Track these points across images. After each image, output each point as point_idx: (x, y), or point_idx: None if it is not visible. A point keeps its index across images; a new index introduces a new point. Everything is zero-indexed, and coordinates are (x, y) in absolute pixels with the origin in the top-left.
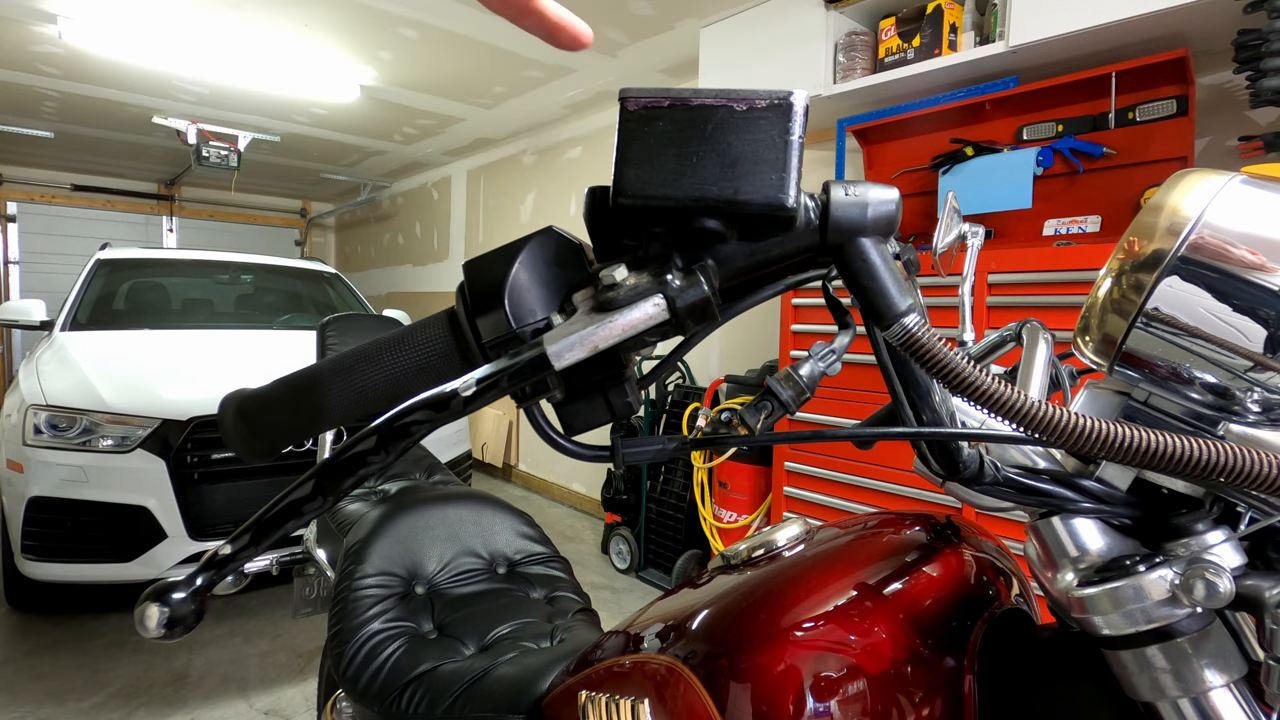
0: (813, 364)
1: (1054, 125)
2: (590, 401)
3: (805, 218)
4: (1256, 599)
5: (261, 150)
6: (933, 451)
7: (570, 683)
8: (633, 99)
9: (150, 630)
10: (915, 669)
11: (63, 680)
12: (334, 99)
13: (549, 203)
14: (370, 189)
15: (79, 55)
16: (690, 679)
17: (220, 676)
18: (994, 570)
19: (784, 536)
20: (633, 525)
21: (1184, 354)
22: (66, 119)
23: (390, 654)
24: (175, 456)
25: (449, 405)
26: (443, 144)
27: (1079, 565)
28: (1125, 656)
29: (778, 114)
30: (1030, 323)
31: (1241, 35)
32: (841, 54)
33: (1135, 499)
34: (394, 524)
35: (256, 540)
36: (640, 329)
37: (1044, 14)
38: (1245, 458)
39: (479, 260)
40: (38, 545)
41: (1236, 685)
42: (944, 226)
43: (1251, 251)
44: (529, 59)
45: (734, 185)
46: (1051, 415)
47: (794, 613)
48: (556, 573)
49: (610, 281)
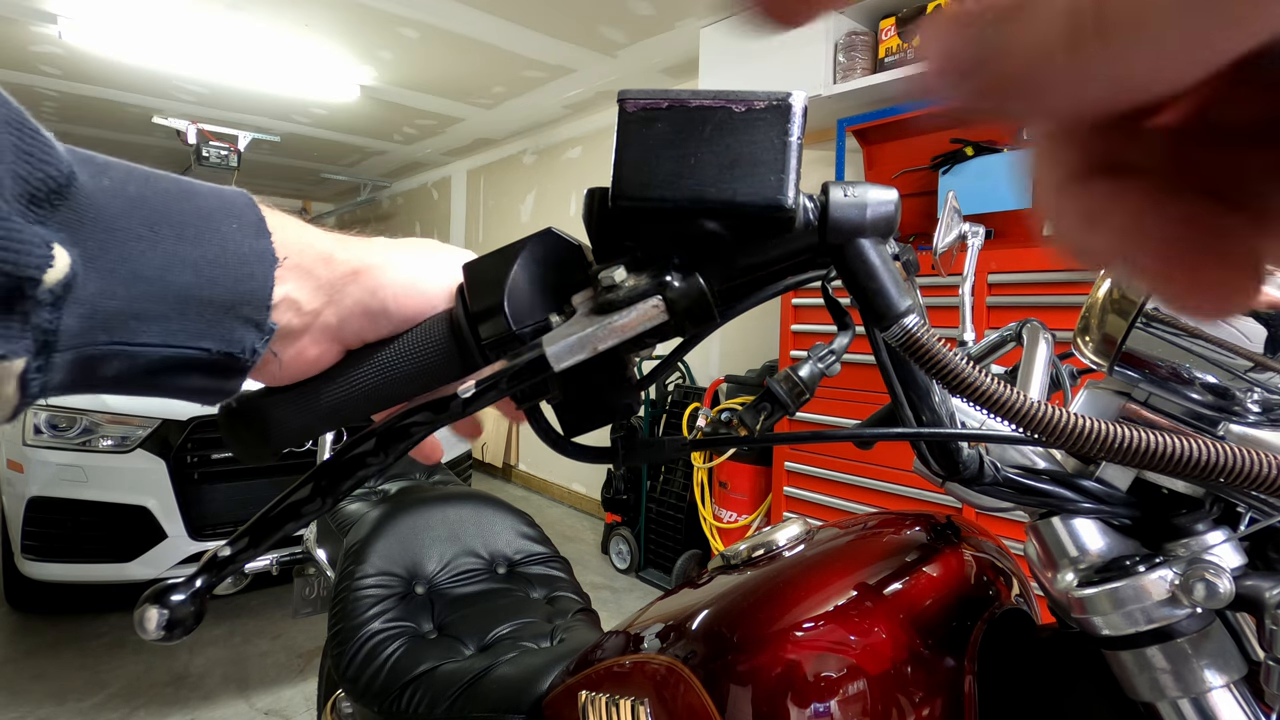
0: (812, 365)
1: None
2: (590, 402)
3: (804, 219)
4: (1256, 599)
5: (261, 150)
6: (932, 452)
7: (570, 683)
8: (631, 100)
9: (150, 632)
10: (915, 669)
11: (63, 680)
12: (334, 99)
13: (549, 203)
14: (370, 189)
15: (79, 55)
16: (690, 679)
17: (220, 676)
18: (994, 570)
19: (784, 536)
20: (633, 525)
21: (1184, 354)
22: (66, 119)
23: (390, 654)
24: (175, 456)
25: (448, 407)
26: (443, 144)
27: (1079, 565)
28: (1125, 657)
29: (776, 115)
30: (1031, 322)
31: None
32: (841, 54)
33: (1135, 499)
34: (394, 524)
35: (256, 542)
36: (639, 330)
37: None
38: (1245, 458)
39: (478, 262)
40: (38, 545)
41: (1236, 685)
42: (944, 226)
43: None
44: (529, 59)
45: (732, 186)
46: (1050, 416)
47: (794, 613)
48: (556, 573)
49: (609, 283)
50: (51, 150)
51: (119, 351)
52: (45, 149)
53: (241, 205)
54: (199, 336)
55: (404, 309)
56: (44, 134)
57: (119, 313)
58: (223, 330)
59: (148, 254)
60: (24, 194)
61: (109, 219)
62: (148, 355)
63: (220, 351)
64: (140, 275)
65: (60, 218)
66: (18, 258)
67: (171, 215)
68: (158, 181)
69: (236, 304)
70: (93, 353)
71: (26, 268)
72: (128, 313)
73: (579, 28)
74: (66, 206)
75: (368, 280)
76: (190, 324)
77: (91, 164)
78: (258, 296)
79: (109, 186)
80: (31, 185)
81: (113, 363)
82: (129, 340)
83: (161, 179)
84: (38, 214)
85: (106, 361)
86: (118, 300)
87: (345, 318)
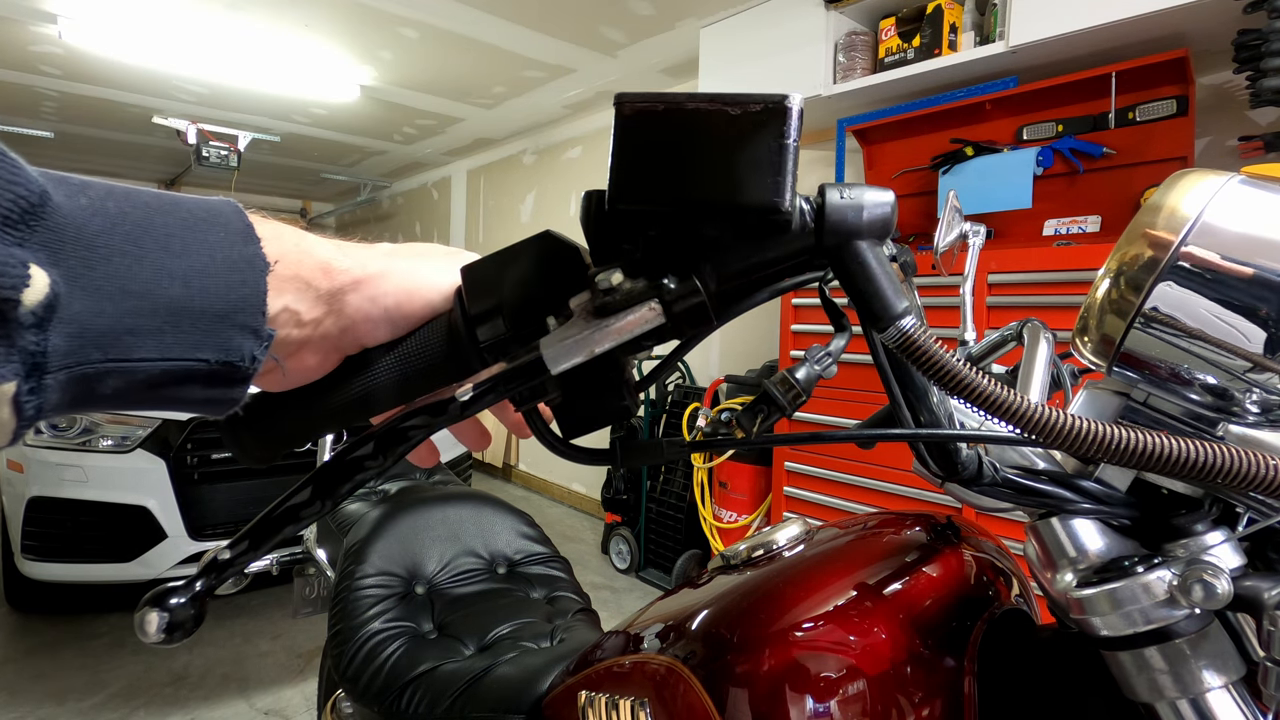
0: (808, 367)
1: (1054, 125)
2: (588, 405)
3: (801, 220)
4: (1255, 600)
5: (261, 150)
6: (931, 453)
7: (570, 683)
8: (628, 103)
9: (150, 635)
10: (915, 669)
11: (63, 680)
12: (334, 99)
13: (549, 203)
14: (370, 189)
15: (79, 55)
16: (690, 679)
17: (220, 676)
18: (994, 570)
19: (784, 536)
20: (633, 525)
21: (1183, 355)
22: (66, 119)
23: (390, 654)
24: (175, 456)
25: (446, 410)
26: (443, 144)
27: (1078, 566)
28: (1123, 657)
29: (772, 117)
30: (1031, 322)
31: (1241, 35)
32: (841, 54)
33: (1134, 499)
34: (394, 524)
35: (255, 545)
36: (636, 333)
37: (1044, 14)
38: (1244, 460)
39: (476, 265)
40: (38, 545)
41: (1235, 686)
42: (945, 226)
43: (1250, 252)
44: (529, 59)
45: (729, 189)
46: (1047, 417)
47: (794, 613)
48: (556, 573)
49: (606, 286)
50: (19, 170)
51: (115, 368)
52: (12, 169)
53: (228, 213)
54: (196, 348)
55: (405, 315)
56: (10, 155)
57: (110, 330)
58: (219, 340)
59: (133, 269)
60: None
61: (89, 237)
62: (146, 370)
63: (219, 361)
64: (128, 291)
65: (38, 239)
66: None
67: (155, 229)
68: (138, 196)
69: (230, 312)
70: (88, 371)
71: (2, 289)
72: (119, 329)
73: (579, 28)
74: (44, 227)
75: (368, 289)
76: (185, 336)
77: (67, 184)
78: (251, 303)
79: (87, 205)
80: (2, 207)
81: (110, 380)
82: (125, 356)
83: (141, 194)
84: (14, 236)
85: (103, 379)
86: (107, 317)
87: (347, 327)
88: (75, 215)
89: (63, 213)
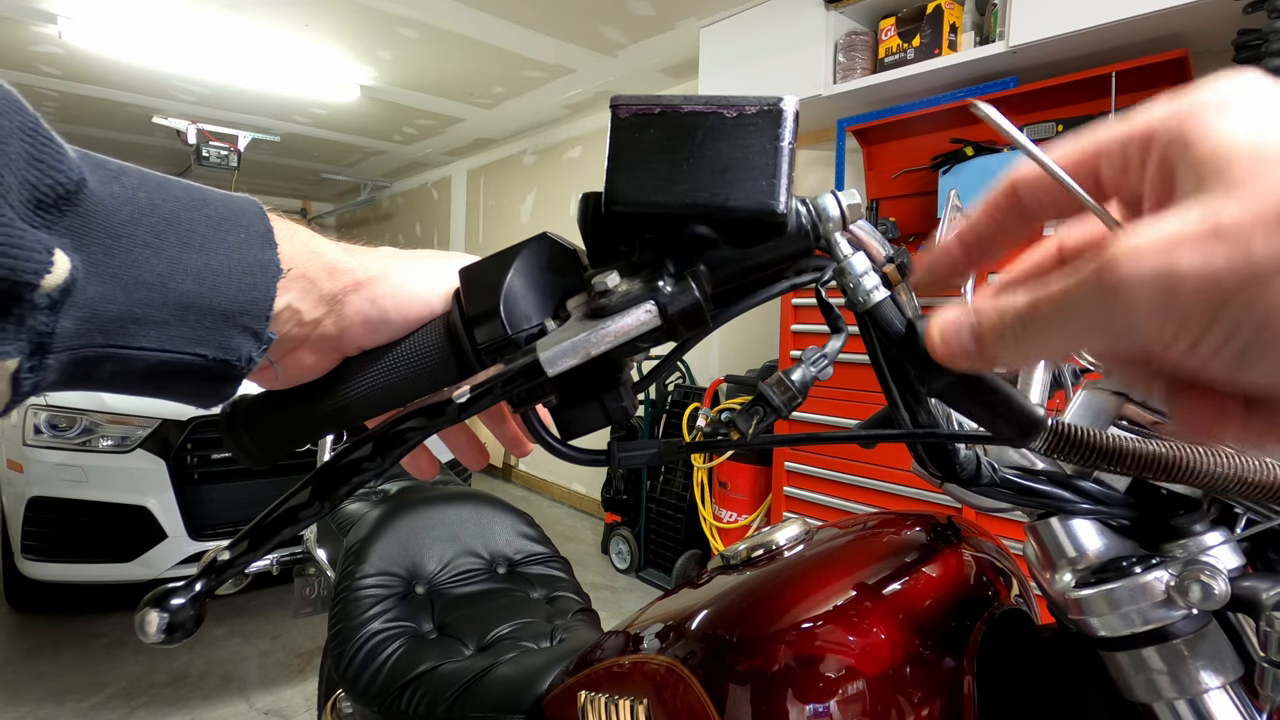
0: (804, 369)
1: (1054, 125)
2: (586, 406)
3: (797, 222)
4: (1254, 601)
5: (261, 150)
6: (929, 454)
7: (570, 683)
8: (623, 106)
9: (150, 636)
10: (915, 669)
11: (63, 680)
12: (334, 99)
13: (549, 203)
14: (370, 189)
15: (79, 55)
16: (690, 679)
17: (220, 676)
18: (994, 570)
19: (784, 536)
20: (633, 525)
21: None
22: (66, 119)
23: (390, 654)
24: (175, 456)
25: (444, 412)
26: (443, 144)
27: (1077, 566)
28: (1121, 658)
29: (767, 120)
30: None
31: (1241, 35)
32: (841, 54)
33: (1133, 500)
34: (394, 524)
35: (255, 546)
36: (632, 335)
37: (1044, 14)
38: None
39: (474, 266)
40: (38, 545)
41: (1233, 687)
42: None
43: None
44: (529, 59)
45: (725, 191)
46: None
47: (793, 613)
48: (556, 573)
49: (603, 288)
50: (63, 157)
51: (114, 355)
52: (56, 156)
53: (251, 215)
54: (196, 343)
55: (404, 317)
56: (56, 140)
57: (117, 317)
58: (220, 338)
59: (151, 261)
60: (30, 200)
61: (115, 225)
62: (144, 359)
63: (216, 359)
64: (142, 281)
65: (66, 223)
66: (15, 263)
67: (180, 223)
68: (169, 188)
69: (236, 313)
70: (88, 354)
71: (24, 273)
72: (126, 317)
73: (579, 28)
74: (74, 212)
75: (369, 290)
76: (188, 330)
77: (104, 170)
78: (258, 307)
79: (119, 193)
80: (40, 191)
81: (107, 365)
82: (125, 344)
83: (173, 185)
84: (44, 219)
85: (101, 363)
86: (117, 305)
87: (346, 328)
88: (106, 202)
89: (95, 199)
